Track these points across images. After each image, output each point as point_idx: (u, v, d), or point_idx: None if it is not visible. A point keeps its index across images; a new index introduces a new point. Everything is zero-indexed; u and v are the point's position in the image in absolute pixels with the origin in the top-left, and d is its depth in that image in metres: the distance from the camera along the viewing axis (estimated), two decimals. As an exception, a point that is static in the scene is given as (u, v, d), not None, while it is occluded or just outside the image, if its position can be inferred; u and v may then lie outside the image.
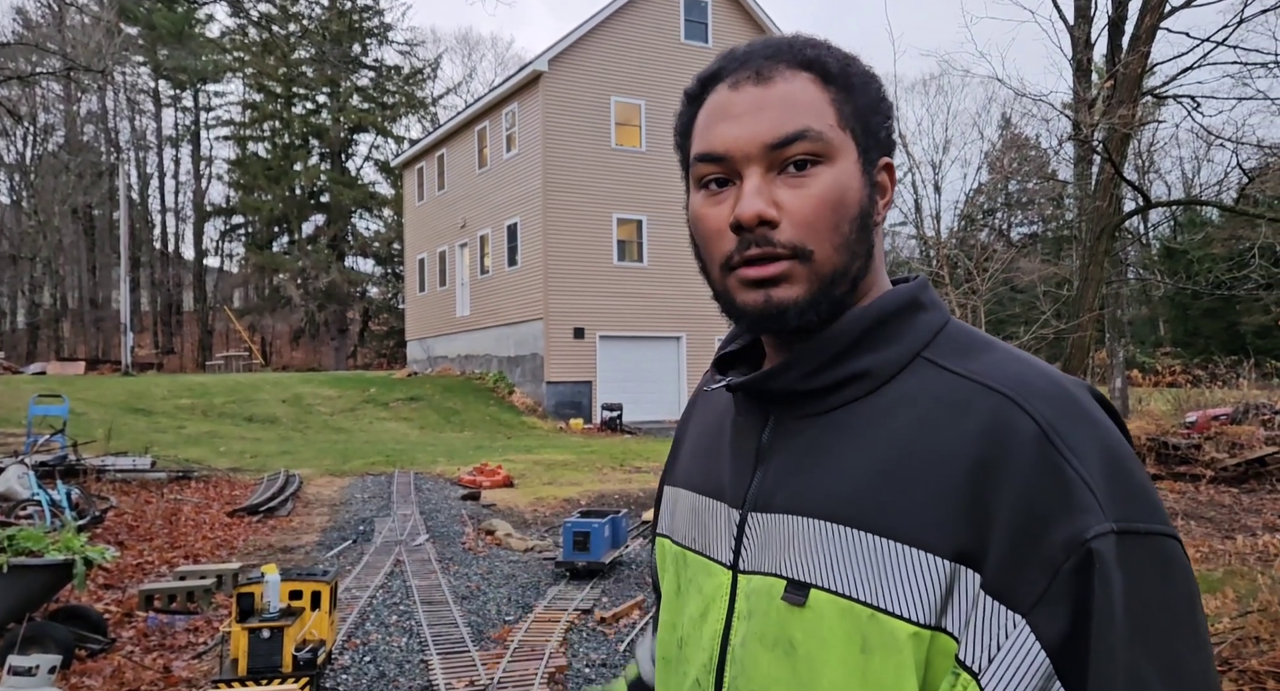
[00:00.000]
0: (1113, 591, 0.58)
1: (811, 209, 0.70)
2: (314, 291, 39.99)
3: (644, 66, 21.14)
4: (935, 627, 0.63)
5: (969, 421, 0.65)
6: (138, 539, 7.69)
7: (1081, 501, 0.60)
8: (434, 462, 13.07)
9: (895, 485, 0.66)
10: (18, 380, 22.59)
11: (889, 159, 0.76)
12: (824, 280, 0.71)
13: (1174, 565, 0.61)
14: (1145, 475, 0.63)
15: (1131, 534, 0.60)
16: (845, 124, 0.72)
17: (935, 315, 0.74)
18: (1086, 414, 0.64)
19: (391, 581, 6.46)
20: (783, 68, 0.73)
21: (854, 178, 0.72)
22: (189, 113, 47.05)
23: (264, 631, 3.77)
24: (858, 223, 0.72)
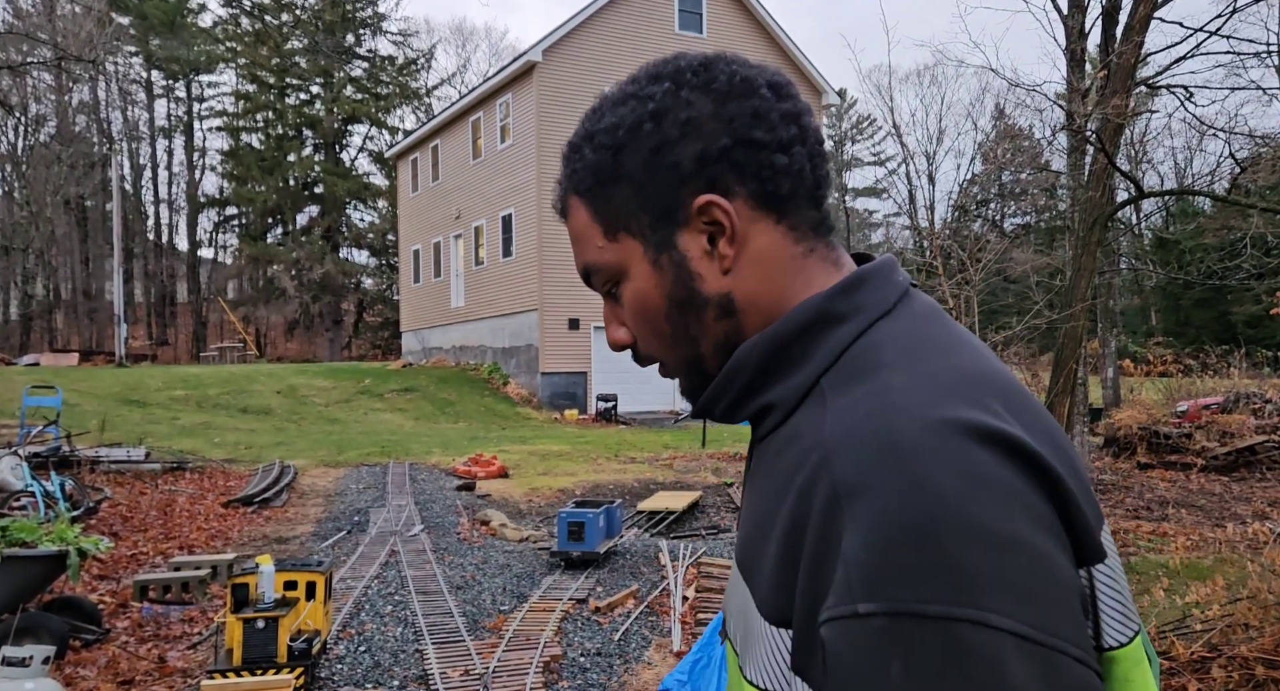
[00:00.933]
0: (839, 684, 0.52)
1: (635, 327, 0.73)
2: (308, 283, 39.89)
3: (638, 57, 20.88)
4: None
5: (800, 475, 0.59)
6: (132, 530, 7.69)
7: (837, 580, 0.53)
8: (429, 453, 13.08)
9: (759, 537, 0.63)
10: (11, 371, 22.52)
11: (702, 198, 0.68)
12: (685, 373, 0.74)
13: (955, 655, 0.48)
14: (977, 539, 0.51)
15: (894, 615, 0.50)
16: (615, 230, 0.72)
17: (851, 326, 0.66)
18: (888, 476, 0.53)
19: (386, 572, 6.47)
20: (567, 196, 0.75)
21: (647, 278, 0.71)
22: (181, 103, 46.82)
23: (259, 621, 3.78)
24: (673, 314, 0.71)
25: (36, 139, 42.34)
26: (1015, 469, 0.54)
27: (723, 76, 0.71)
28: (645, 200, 0.70)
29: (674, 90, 0.70)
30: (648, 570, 6.58)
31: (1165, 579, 5.25)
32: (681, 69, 0.72)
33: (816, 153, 0.72)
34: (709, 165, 0.69)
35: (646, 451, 13.68)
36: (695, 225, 0.69)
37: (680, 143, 0.69)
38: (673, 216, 0.70)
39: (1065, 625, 0.51)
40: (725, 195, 0.69)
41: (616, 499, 8.49)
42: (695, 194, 0.69)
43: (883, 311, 0.67)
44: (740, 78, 0.71)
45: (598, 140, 0.71)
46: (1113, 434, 11.74)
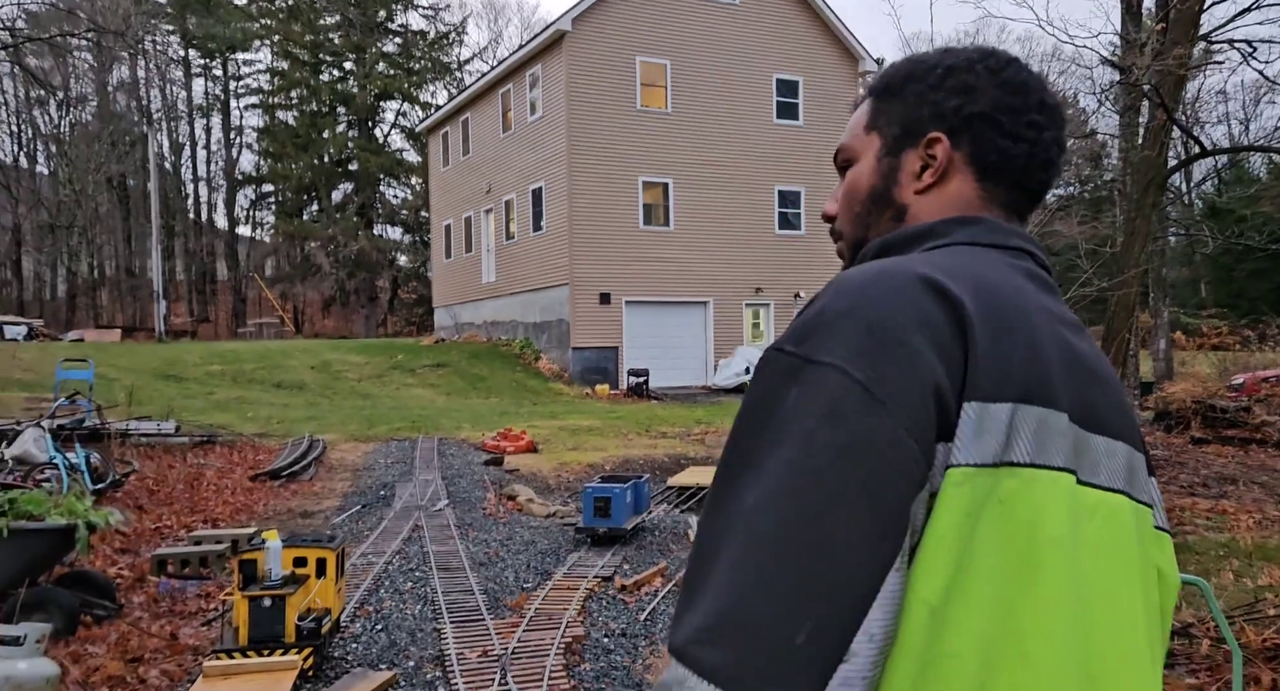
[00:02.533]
0: (756, 386, 0.72)
1: (840, 199, 0.95)
2: (343, 259, 40.09)
3: (669, 25, 20.57)
4: None
5: None
6: (157, 503, 7.65)
7: (784, 333, 0.74)
8: (458, 428, 12.98)
9: None
10: (56, 347, 22.90)
11: (934, 134, 0.88)
12: (851, 247, 0.94)
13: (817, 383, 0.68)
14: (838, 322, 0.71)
15: (774, 350, 0.72)
16: (872, 127, 0.92)
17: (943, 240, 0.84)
18: (846, 288, 0.73)
19: (409, 547, 6.33)
20: (864, 95, 0.96)
21: (868, 167, 0.92)
22: (218, 81, 47.11)
23: (265, 600, 3.62)
24: (867, 200, 0.91)
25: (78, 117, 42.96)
26: (943, 311, 0.71)
27: (1011, 73, 0.88)
28: (903, 117, 0.90)
29: (974, 61, 0.89)
30: (676, 547, 6.37)
31: (1233, 560, 4.89)
32: (992, 54, 0.90)
33: (1040, 158, 0.88)
34: (957, 118, 0.87)
35: (678, 426, 13.45)
36: (920, 151, 0.89)
37: (949, 94, 0.88)
38: (911, 137, 0.89)
39: (903, 398, 0.68)
40: (953, 144, 0.88)
41: (645, 474, 8.28)
42: (934, 130, 0.88)
43: (970, 241, 0.84)
44: (1022, 81, 0.88)
45: (904, 64, 0.93)
46: (1164, 408, 11.22)
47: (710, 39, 20.84)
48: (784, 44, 21.47)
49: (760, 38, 21.26)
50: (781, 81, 21.65)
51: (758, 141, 21.23)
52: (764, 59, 21.29)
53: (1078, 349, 0.79)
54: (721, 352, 20.78)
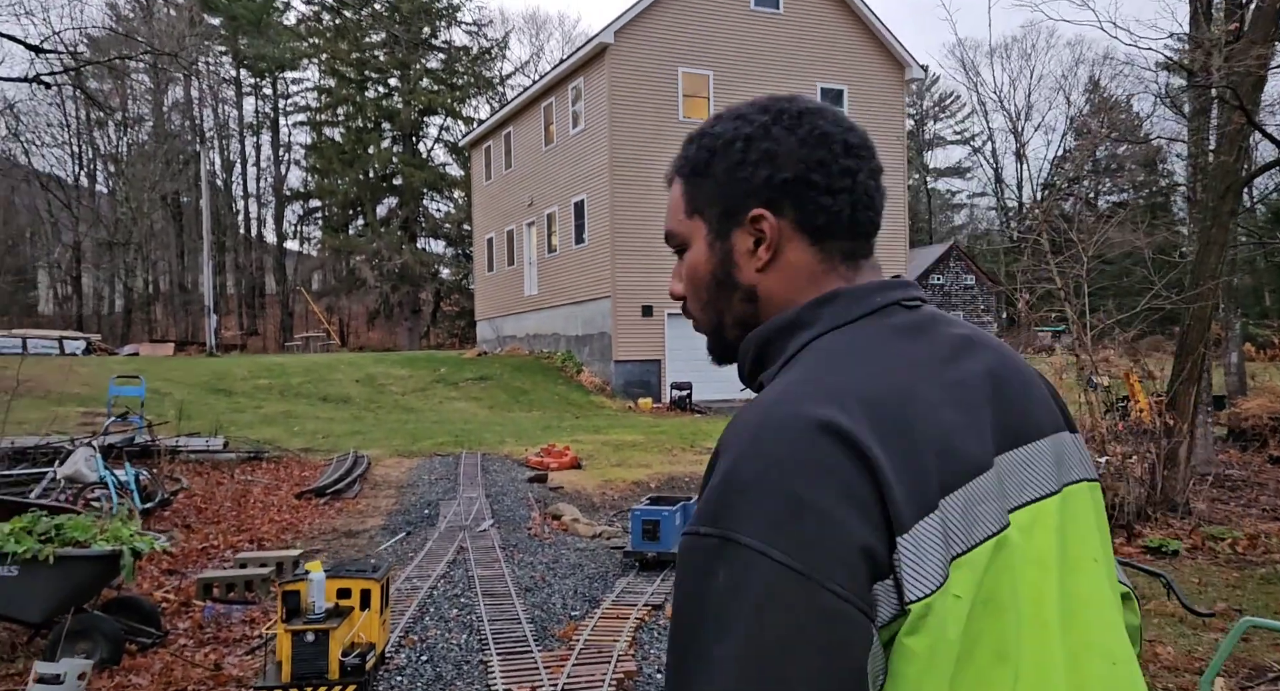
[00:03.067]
0: (683, 577, 0.72)
1: (685, 286, 0.95)
2: (387, 273, 40.58)
3: (712, 36, 20.43)
4: None
5: None
6: (205, 522, 7.65)
7: (698, 508, 0.74)
8: (501, 443, 12.90)
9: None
10: (112, 361, 23.45)
11: (756, 211, 0.88)
12: (709, 334, 0.95)
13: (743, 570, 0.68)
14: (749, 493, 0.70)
15: (692, 535, 0.72)
16: (692, 212, 0.92)
17: (810, 331, 0.84)
18: (747, 444, 0.73)
19: (454, 570, 6.21)
20: (673, 174, 0.96)
21: (701, 254, 0.91)
22: (268, 100, 48.20)
23: (308, 634, 3.50)
24: (712, 287, 0.91)
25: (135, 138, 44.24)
26: (844, 457, 0.71)
27: (808, 127, 0.88)
28: (720, 198, 0.90)
29: (769, 124, 0.89)
30: (728, 573, 6.14)
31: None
32: (784, 111, 0.90)
33: (864, 202, 0.89)
34: (771, 189, 0.87)
35: (723, 442, 13.20)
36: (747, 228, 0.89)
37: (756, 165, 0.88)
38: (734, 216, 0.89)
39: (832, 569, 0.68)
40: (776, 214, 0.87)
41: (693, 495, 8.07)
42: (755, 206, 0.88)
43: (836, 324, 0.84)
44: (821, 132, 0.88)
45: (704, 141, 0.92)
46: (1238, 425, 10.67)
47: (753, 49, 20.66)
48: (829, 52, 21.20)
49: (804, 46, 21.01)
50: (826, 90, 21.36)
51: (802, 151, 20.94)
52: (808, 68, 21.04)
53: (974, 382, 0.83)
54: (766, 365, 20.46)
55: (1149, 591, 5.58)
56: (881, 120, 21.40)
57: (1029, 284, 8.13)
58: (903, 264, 22.17)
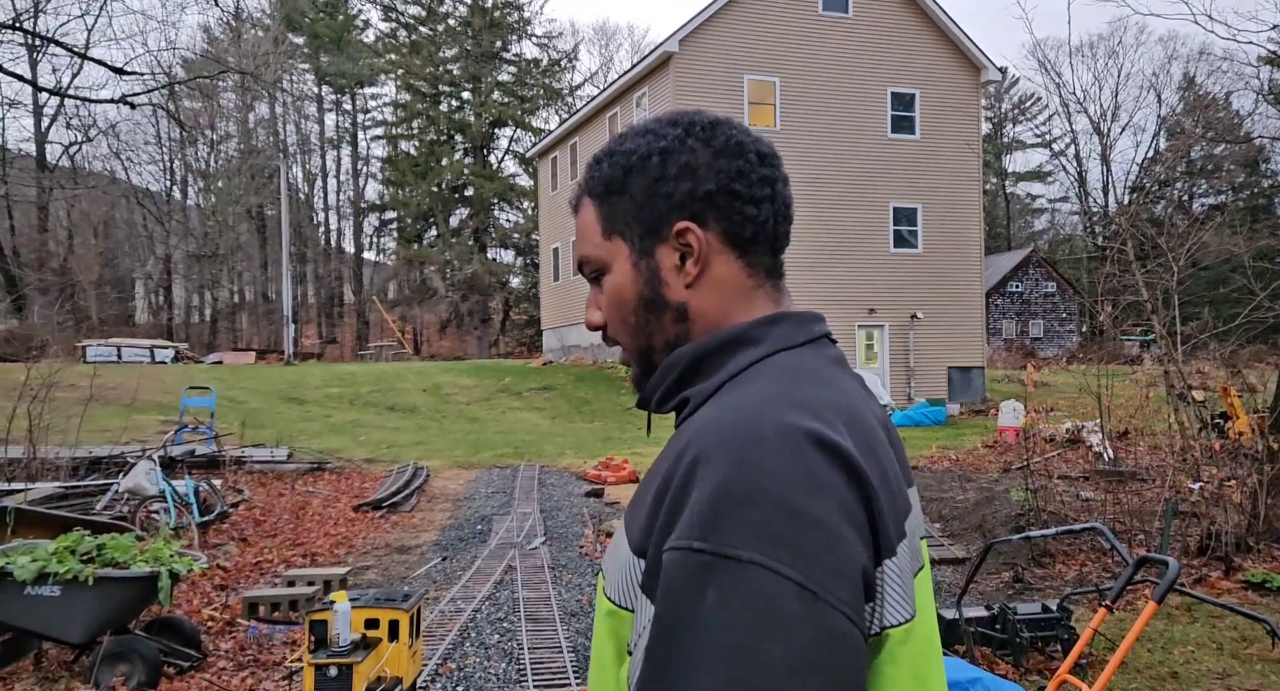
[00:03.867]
0: (667, 595, 0.67)
1: (607, 312, 0.90)
2: (458, 282, 41.32)
3: (779, 41, 20.10)
4: (624, 607, 0.77)
5: (681, 448, 0.74)
6: (262, 535, 7.74)
7: (682, 521, 0.68)
8: (561, 455, 12.83)
9: (643, 495, 0.79)
10: (196, 370, 24.40)
11: (681, 224, 0.84)
12: (637, 360, 0.89)
13: (747, 589, 0.63)
14: (747, 505, 0.66)
15: (680, 550, 0.67)
16: (611, 232, 0.87)
17: (760, 349, 0.82)
18: (737, 454, 0.69)
19: (499, 592, 6.09)
20: (582, 196, 0.91)
21: (626, 275, 0.87)
22: (347, 115, 49.75)
23: (331, 668, 3.39)
24: (640, 308, 0.86)
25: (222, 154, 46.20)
26: (839, 472, 0.69)
27: (723, 137, 0.86)
28: (639, 215, 0.86)
29: (683, 137, 0.86)
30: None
31: None
32: (695, 123, 0.88)
33: (782, 213, 0.88)
34: (694, 201, 0.85)
35: (787, 457, 12.84)
36: (672, 244, 0.85)
37: (676, 179, 0.85)
38: (657, 232, 0.86)
39: (839, 587, 0.65)
40: (701, 227, 0.85)
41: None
42: (678, 220, 0.85)
43: (787, 345, 0.83)
44: (735, 142, 0.86)
45: (615, 159, 0.88)
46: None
47: (820, 54, 20.23)
48: (899, 55, 20.61)
49: (874, 50, 20.49)
50: (896, 95, 20.78)
51: (871, 157, 20.40)
52: (878, 72, 20.50)
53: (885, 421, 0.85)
54: (833, 377, 19.95)
55: (1250, 634, 5.09)
56: (955, 124, 20.69)
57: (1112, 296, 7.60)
58: (978, 271, 21.36)
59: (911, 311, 20.45)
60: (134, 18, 53.06)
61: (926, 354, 20.55)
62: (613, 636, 0.78)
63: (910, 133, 20.93)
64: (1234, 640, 5.08)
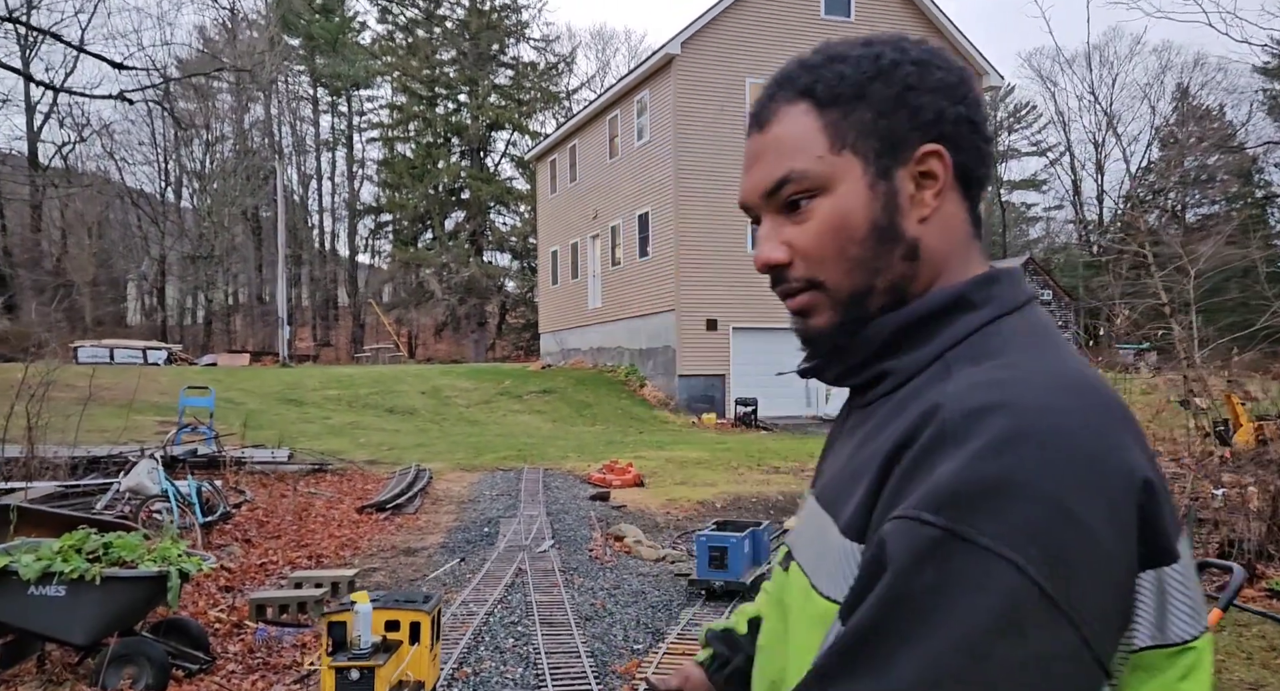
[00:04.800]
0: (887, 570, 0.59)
1: (812, 243, 0.75)
2: (454, 285, 41.15)
3: (781, 45, 20.03)
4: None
5: (912, 424, 0.65)
6: (266, 536, 7.59)
7: (921, 492, 0.60)
8: (564, 458, 12.70)
9: (855, 476, 0.70)
10: (190, 371, 24.18)
11: (932, 146, 0.74)
12: (844, 304, 0.76)
13: (981, 581, 0.57)
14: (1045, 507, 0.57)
15: (909, 520, 0.59)
16: (841, 146, 0.75)
17: (983, 314, 0.73)
18: (1011, 426, 0.60)
19: (511, 595, 5.96)
20: (780, 105, 0.77)
21: (857, 197, 0.74)
22: (343, 117, 49.57)
23: (352, 671, 3.27)
24: (870, 239, 0.74)
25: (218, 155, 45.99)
26: (1116, 470, 0.60)
27: (958, 65, 0.77)
28: (881, 128, 0.74)
29: (930, 55, 0.76)
30: (800, 607, 5.74)
31: None
32: (925, 43, 0.78)
33: (993, 160, 0.81)
34: (943, 124, 0.75)
35: (790, 460, 12.74)
36: (911, 168, 0.75)
37: (929, 94, 0.75)
38: (897, 152, 0.74)
39: (1088, 605, 0.57)
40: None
41: (763, 519, 7.68)
42: (924, 141, 0.74)
43: (1011, 307, 0.73)
44: (966, 72, 0.77)
45: (853, 62, 0.76)
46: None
47: (823, 57, 20.18)
48: (901, 60, 20.60)
49: (876, 54, 20.45)
50: (899, 98, 20.78)
51: (873, 161, 20.36)
52: (880, 76, 20.47)
53: None
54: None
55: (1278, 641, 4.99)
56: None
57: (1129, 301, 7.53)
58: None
59: (913, 316, 20.41)
60: (129, 15, 52.90)
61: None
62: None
63: (912, 137, 20.91)
64: (1263, 649, 4.98)
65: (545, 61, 46.38)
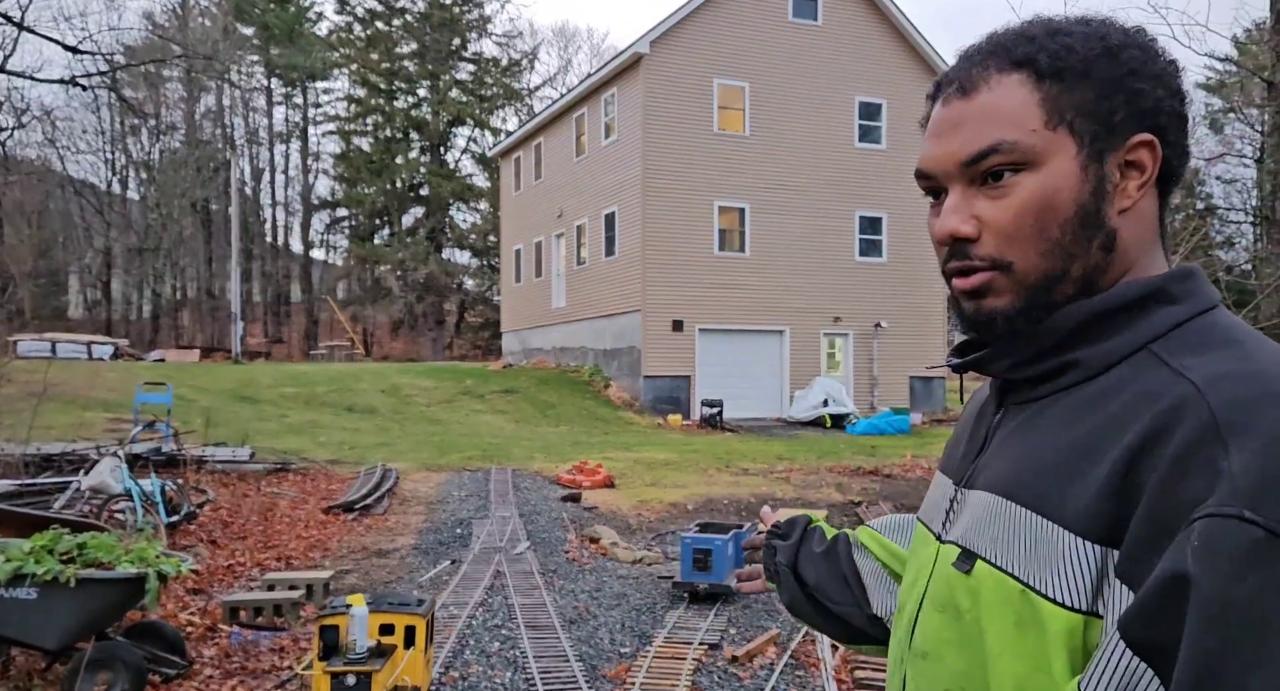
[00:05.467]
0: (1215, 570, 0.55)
1: (1009, 220, 0.72)
2: (412, 283, 40.59)
3: (749, 47, 20.17)
4: (1088, 612, 0.64)
5: (1152, 410, 0.64)
6: (231, 537, 7.36)
7: (1225, 489, 0.57)
8: (531, 459, 12.57)
9: (1072, 470, 0.67)
10: (139, 367, 23.42)
11: (1146, 136, 0.72)
12: (1031, 288, 0.73)
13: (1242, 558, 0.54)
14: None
15: (1227, 517, 0.56)
16: (1058, 122, 0.72)
17: (1183, 307, 0.71)
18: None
19: (492, 597, 5.86)
20: (991, 72, 0.74)
21: (1067, 177, 0.71)
22: (298, 109, 48.55)
23: (349, 676, 3.16)
24: (1073, 223, 0.72)
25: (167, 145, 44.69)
26: None
27: (1172, 57, 0.74)
28: (1099, 109, 0.71)
29: (1153, 42, 0.74)
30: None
31: None
32: (1144, 31, 0.75)
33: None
34: (1159, 114, 0.72)
35: (759, 462, 12.79)
36: (1120, 156, 0.72)
37: (1151, 80, 0.72)
38: (1112, 137, 0.72)
39: None
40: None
41: (735, 518, 7.69)
42: (1138, 129, 0.72)
43: (1210, 305, 0.72)
44: (1181, 68, 0.75)
45: (1078, 37, 0.72)
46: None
47: (790, 61, 20.36)
48: (867, 66, 20.87)
49: (843, 59, 20.70)
50: (864, 104, 21.02)
51: (838, 165, 20.59)
52: (846, 81, 20.71)
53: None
54: (797, 383, 20.03)
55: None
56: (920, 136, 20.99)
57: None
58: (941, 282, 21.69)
59: (875, 320, 20.65)
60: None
61: (890, 363, 20.78)
62: (1063, 647, 0.64)
63: (877, 142, 21.18)
64: None
65: (508, 58, 46.03)
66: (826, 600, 1.07)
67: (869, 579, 1.05)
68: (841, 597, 1.06)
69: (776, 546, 1.14)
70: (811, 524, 1.16)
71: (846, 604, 1.06)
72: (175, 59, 20.96)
